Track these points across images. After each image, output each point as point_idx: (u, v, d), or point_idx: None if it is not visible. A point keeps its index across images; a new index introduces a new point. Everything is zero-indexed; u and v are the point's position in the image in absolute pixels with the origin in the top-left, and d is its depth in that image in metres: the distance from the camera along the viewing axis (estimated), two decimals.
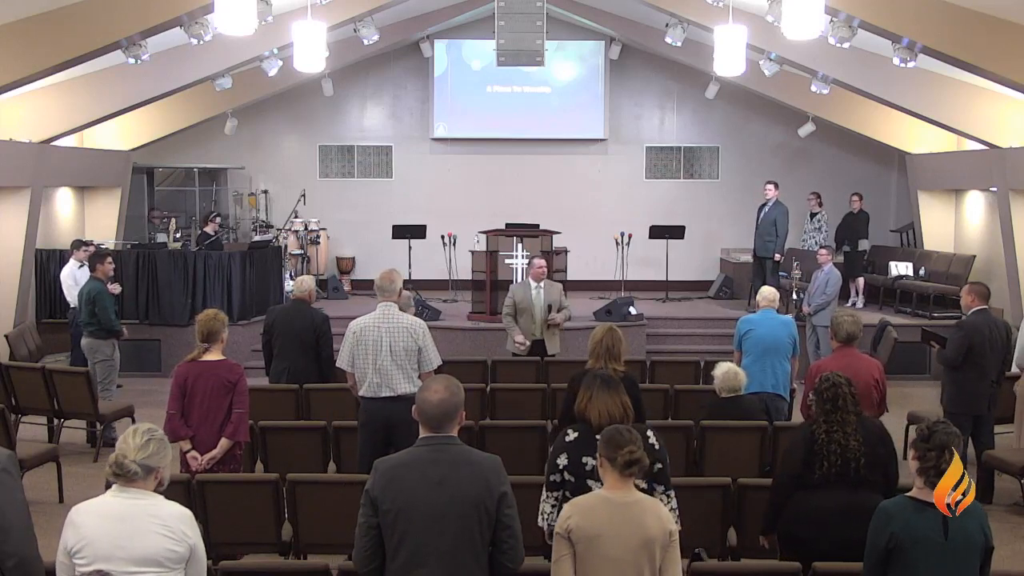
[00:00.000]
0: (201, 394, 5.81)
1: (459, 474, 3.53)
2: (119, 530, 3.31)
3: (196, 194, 16.25)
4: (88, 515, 3.37)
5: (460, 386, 3.71)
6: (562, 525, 3.75)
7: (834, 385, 4.77)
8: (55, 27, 9.20)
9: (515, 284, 10.10)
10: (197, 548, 3.41)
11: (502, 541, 3.55)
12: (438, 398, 3.59)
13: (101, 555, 3.30)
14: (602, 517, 3.71)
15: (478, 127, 16.62)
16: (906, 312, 13.59)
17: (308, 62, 10.29)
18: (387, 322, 6.29)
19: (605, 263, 15.27)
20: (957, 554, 3.62)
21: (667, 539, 3.71)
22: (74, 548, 3.33)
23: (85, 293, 9.31)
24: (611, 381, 4.66)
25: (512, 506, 3.58)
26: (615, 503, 3.74)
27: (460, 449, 3.62)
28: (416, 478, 3.53)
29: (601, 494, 3.84)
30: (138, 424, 3.51)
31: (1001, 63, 9.28)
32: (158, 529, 3.32)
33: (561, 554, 3.73)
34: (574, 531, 3.70)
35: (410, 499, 3.50)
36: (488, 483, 3.54)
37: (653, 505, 3.83)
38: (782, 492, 4.83)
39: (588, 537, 3.69)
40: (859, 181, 16.03)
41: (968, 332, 7.55)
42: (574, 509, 3.79)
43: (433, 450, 3.58)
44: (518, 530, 3.60)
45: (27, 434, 8.87)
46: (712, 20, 11.10)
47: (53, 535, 3.39)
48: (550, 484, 4.64)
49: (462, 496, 3.50)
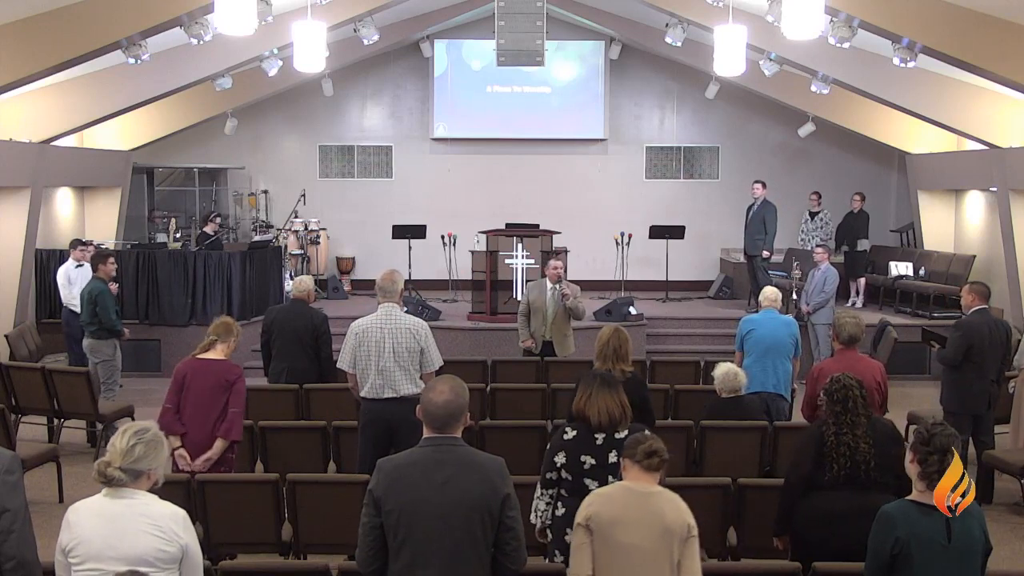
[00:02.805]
0: (197, 390, 5.82)
1: (463, 475, 3.53)
2: (110, 529, 3.32)
3: (196, 194, 16.24)
4: (82, 514, 3.38)
5: (465, 387, 3.72)
6: (582, 514, 3.80)
7: (844, 387, 4.76)
8: (55, 27, 9.19)
9: (531, 283, 10.09)
10: (190, 548, 3.39)
11: (505, 543, 3.55)
12: (444, 399, 3.60)
13: (93, 554, 3.31)
14: (621, 505, 3.77)
15: (478, 127, 16.61)
16: (906, 312, 13.58)
17: (308, 62, 10.28)
18: (389, 322, 6.28)
19: (605, 263, 15.27)
20: (960, 556, 3.61)
21: (686, 532, 3.76)
22: (68, 547, 3.35)
23: (87, 293, 9.30)
24: (610, 380, 4.67)
25: (515, 508, 3.58)
26: (635, 492, 3.82)
27: (465, 450, 3.62)
28: (420, 478, 3.53)
29: (623, 484, 3.91)
30: (129, 424, 3.50)
31: (1001, 63, 9.28)
32: (149, 529, 3.32)
33: (580, 543, 3.76)
34: (593, 518, 3.75)
35: (414, 499, 3.49)
36: (493, 485, 3.54)
37: (673, 497, 3.87)
38: (792, 493, 4.84)
39: (606, 523, 3.73)
40: (859, 181, 16.03)
41: (967, 332, 7.54)
42: (594, 498, 3.85)
43: (438, 451, 3.58)
44: (521, 532, 3.60)
45: (27, 434, 8.87)
46: (712, 20, 11.10)
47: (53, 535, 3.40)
48: (545, 481, 4.65)
49: (466, 497, 3.50)
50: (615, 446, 4.52)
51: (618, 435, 4.55)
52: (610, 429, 4.55)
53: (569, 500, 4.56)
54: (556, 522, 4.63)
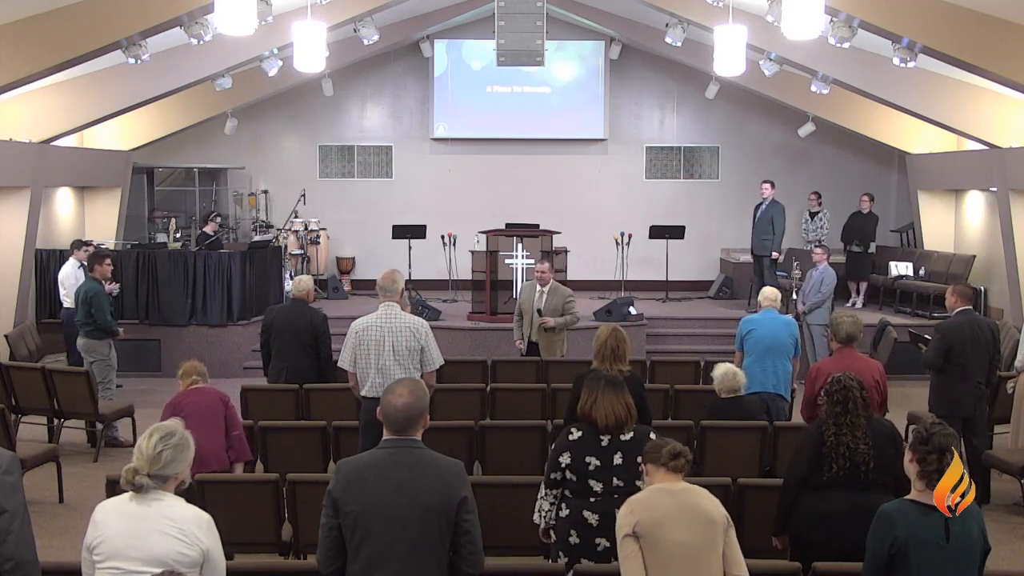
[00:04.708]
0: (194, 413, 5.84)
1: (420, 478, 3.53)
2: (133, 529, 3.34)
3: (196, 194, 16.25)
4: (107, 512, 3.42)
5: (426, 390, 3.74)
6: (627, 524, 3.78)
7: (845, 388, 4.76)
8: (55, 27, 9.20)
9: (525, 284, 10.07)
10: (212, 553, 3.39)
11: (461, 546, 3.55)
12: (403, 402, 3.60)
13: (115, 552, 3.34)
14: (662, 506, 3.79)
15: (478, 127, 16.62)
16: (906, 312, 13.59)
17: (308, 62, 10.29)
18: (389, 322, 6.29)
19: (605, 263, 15.27)
20: (959, 557, 3.60)
21: (726, 522, 3.82)
22: (93, 544, 3.38)
23: (82, 293, 9.33)
24: (615, 382, 4.67)
25: (472, 511, 3.57)
26: (670, 491, 3.85)
27: (423, 453, 3.62)
28: (376, 481, 3.54)
29: (653, 487, 3.91)
30: (155, 427, 3.49)
31: (1001, 63, 9.28)
32: (170, 531, 3.33)
33: (629, 552, 3.76)
34: (639, 524, 3.74)
35: (371, 501, 3.51)
36: (449, 487, 3.54)
37: (704, 491, 3.92)
38: (791, 493, 4.84)
39: (653, 525, 3.74)
40: (859, 181, 16.04)
41: (946, 335, 7.37)
42: (632, 506, 3.84)
43: (395, 453, 3.59)
44: (478, 536, 3.59)
45: (27, 434, 8.86)
46: (712, 20, 11.10)
47: (53, 535, 3.41)
48: (550, 482, 4.64)
49: (422, 500, 3.50)
50: (620, 448, 4.53)
51: (623, 437, 4.55)
52: (616, 431, 4.55)
53: (573, 501, 4.56)
54: (560, 523, 4.62)
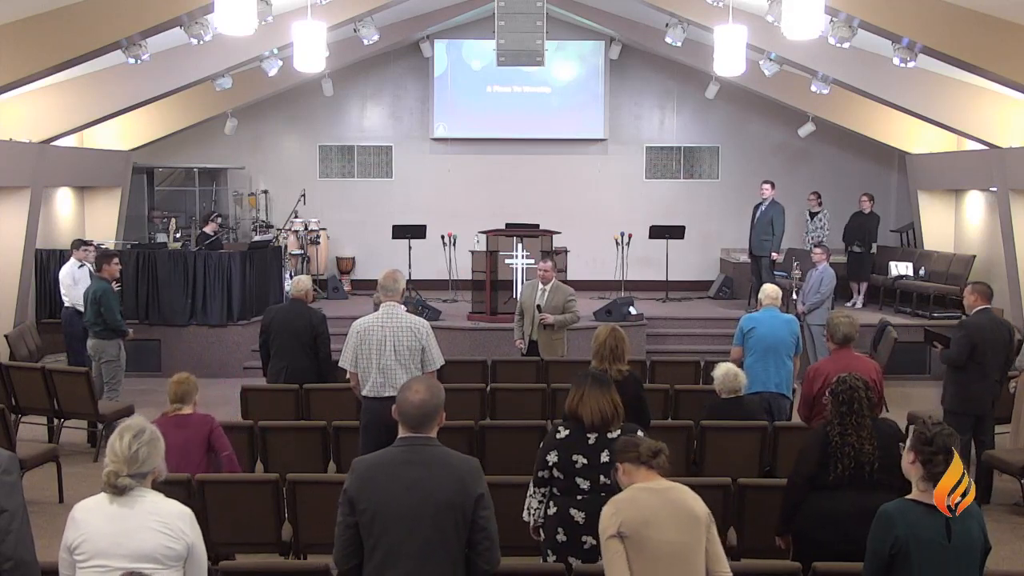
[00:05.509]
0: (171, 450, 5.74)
1: (434, 475, 3.52)
2: (118, 527, 3.32)
3: (196, 194, 16.25)
4: (88, 512, 3.39)
5: (441, 387, 3.72)
6: (611, 525, 3.74)
7: (850, 388, 4.77)
8: (55, 27, 9.20)
9: (527, 283, 10.05)
10: (196, 547, 3.40)
11: (477, 543, 3.54)
12: (419, 399, 3.59)
13: (99, 551, 3.31)
14: (649, 504, 3.77)
15: (478, 127, 16.61)
16: (906, 312, 13.58)
17: (308, 62, 10.28)
18: (390, 321, 6.29)
19: (605, 263, 15.27)
20: (960, 556, 3.60)
21: (708, 519, 3.81)
22: (74, 544, 3.35)
23: (91, 293, 9.30)
24: (602, 379, 4.68)
25: (488, 508, 3.56)
26: (654, 490, 3.82)
27: (437, 450, 3.60)
28: (389, 479, 3.53)
29: (636, 486, 3.87)
30: (123, 426, 3.45)
31: (1001, 63, 9.28)
32: (156, 526, 3.33)
33: (613, 552, 3.72)
34: (625, 524, 3.71)
35: (384, 500, 3.50)
36: (464, 485, 3.53)
37: (686, 488, 3.90)
38: (796, 493, 4.84)
39: (640, 524, 3.71)
40: (859, 181, 16.04)
41: (971, 332, 7.50)
42: (617, 506, 3.79)
43: (409, 451, 3.58)
44: (494, 532, 3.58)
45: (27, 434, 8.86)
46: (712, 20, 11.10)
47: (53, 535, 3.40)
48: (538, 480, 4.66)
49: (436, 498, 3.49)
50: (607, 446, 4.52)
51: (610, 435, 4.56)
52: (603, 429, 4.56)
53: (560, 499, 4.57)
54: (548, 521, 4.63)
